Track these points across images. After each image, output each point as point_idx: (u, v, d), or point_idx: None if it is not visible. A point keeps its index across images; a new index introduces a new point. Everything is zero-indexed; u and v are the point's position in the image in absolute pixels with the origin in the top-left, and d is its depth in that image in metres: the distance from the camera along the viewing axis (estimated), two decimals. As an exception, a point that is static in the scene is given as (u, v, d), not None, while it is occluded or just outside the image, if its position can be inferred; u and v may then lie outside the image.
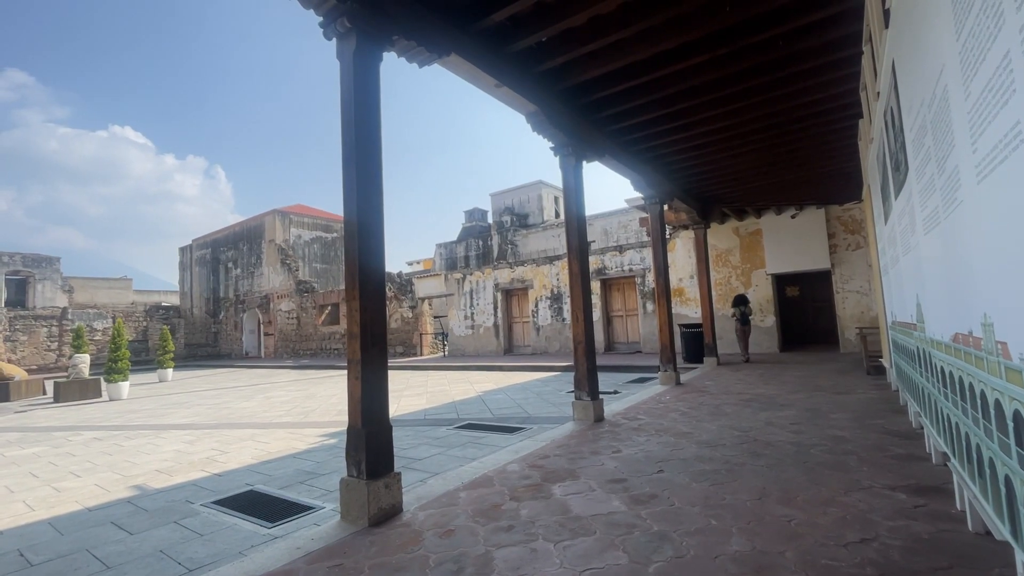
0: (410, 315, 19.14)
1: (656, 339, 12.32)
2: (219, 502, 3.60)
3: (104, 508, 3.65)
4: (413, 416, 6.70)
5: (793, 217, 11.22)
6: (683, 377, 7.78)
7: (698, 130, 5.98)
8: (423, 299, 19.49)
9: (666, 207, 8.85)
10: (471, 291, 17.24)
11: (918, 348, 3.14)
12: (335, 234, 27.49)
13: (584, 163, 5.50)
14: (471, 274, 17.43)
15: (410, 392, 9.22)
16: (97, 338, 22.09)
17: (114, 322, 12.42)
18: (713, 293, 10.59)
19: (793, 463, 3.32)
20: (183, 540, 2.97)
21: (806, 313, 13.32)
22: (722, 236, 12.17)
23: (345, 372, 2.95)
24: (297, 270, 24.02)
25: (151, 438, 6.25)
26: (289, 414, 7.53)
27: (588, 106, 5.29)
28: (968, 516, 2.20)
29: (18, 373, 12.81)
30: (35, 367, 20.43)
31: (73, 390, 11.39)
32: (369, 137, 3.00)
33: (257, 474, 4.30)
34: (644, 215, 11.88)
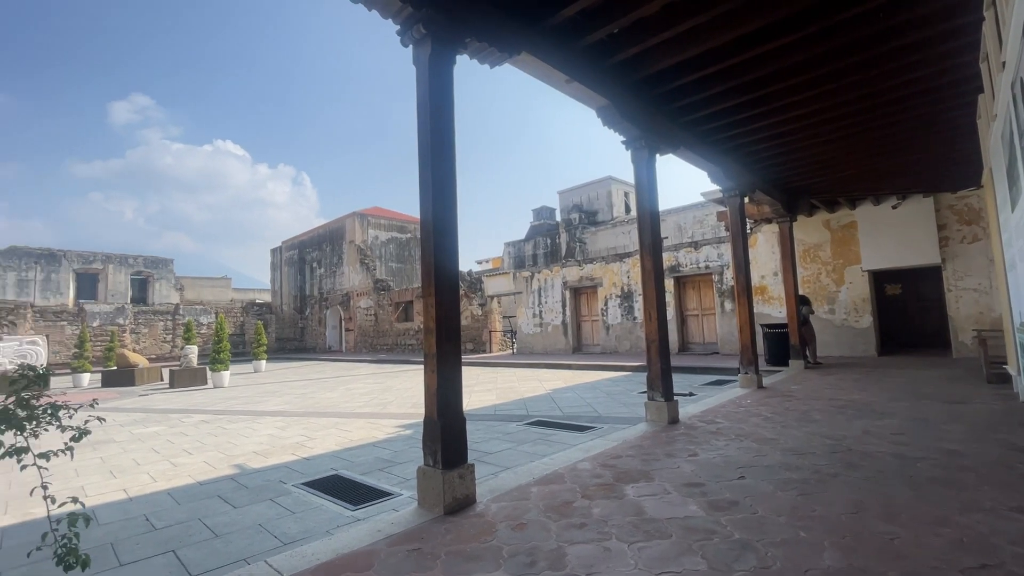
0: (480, 313, 19.52)
1: (735, 340, 11.69)
2: (308, 484, 3.88)
3: (212, 483, 4.06)
4: (483, 411, 6.83)
5: (894, 207, 10.17)
6: (766, 380, 7.31)
7: (783, 116, 5.59)
8: (492, 297, 19.81)
9: (747, 200, 8.37)
10: (539, 289, 17.27)
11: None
12: (409, 235, 28.64)
13: (657, 156, 5.33)
14: (539, 272, 17.45)
15: (480, 388, 9.41)
16: (203, 331, 24.54)
17: (216, 317, 13.75)
18: (800, 291, 9.85)
19: (896, 477, 3.01)
20: (278, 516, 3.22)
21: (909, 313, 12.05)
22: (810, 230, 11.29)
23: (418, 367, 3.08)
24: (374, 269, 25.30)
25: (249, 423, 6.85)
26: (368, 405, 7.95)
27: (661, 97, 5.12)
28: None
29: (141, 361, 14.55)
30: (154, 356, 23.08)
31: (184, 377, 12.75)
32: (444, 139, 3.09)
33: (340, 460, 4.58)
34: (722, 209, 11.30)
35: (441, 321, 2.94)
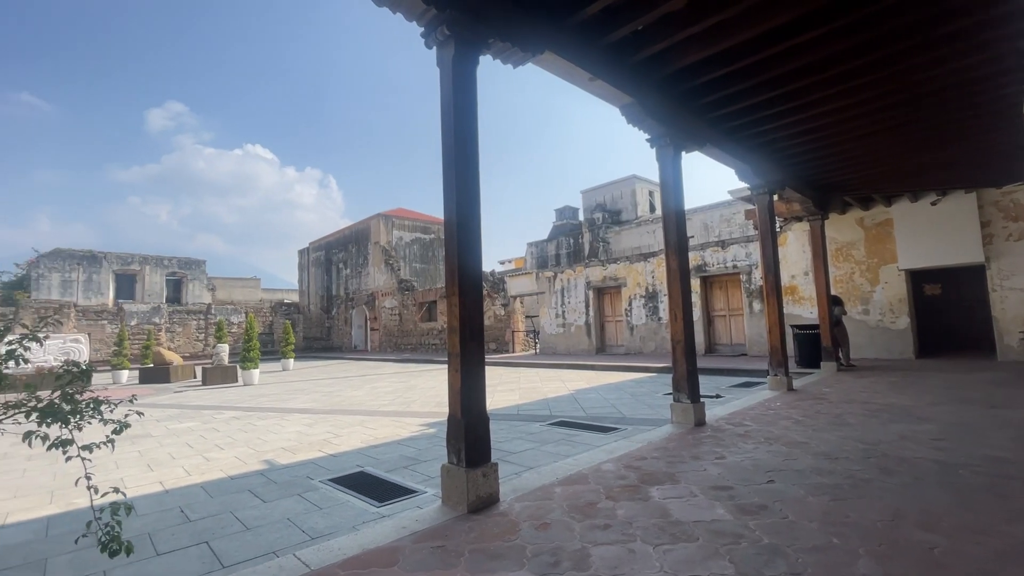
0: (502, 313, 19.56)
1: (764, 341, 11.41)
2: (334, 480, 3.95)
3: (242, 478, 4.17)
4: (506, 411, 6.84)
5: (933, 204, 9.77)
6: (796, 383, 7.12)
7: (815, 111, 5.43)
8: (515, 297, 19.82)
9: (776, 197, 8.15)
10: (562, 289, 17.20)
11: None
12: (432, 235, 28.91)
13: (683, 154, 5.25)
14: (562, 272, 17.38)
15: (503, 388, 9.43)
16: (234, 330, 25.25)
17: (246, 317, 14.14)
18: (832, 291, 9.56)
19: (936, 484, 2.90)
20: (305, 511, 3.29)
21: (949, 314, 11.56)
22: (843, 228, 10.94)
23: (441, 367, 3.10)
24: (399, 270, 25.62)
25: (277, 419, 7.01)
26: (392, 404, 8.05)
27: (687, 93, 5.03)
28: None
29: (176, 359, 15.06)
30: (187, 354, 23.87)
31: (216, 375, 13.15)
32: (467, 140, 3.11)
33: (366, 457, 4.65)
34: (750, 207, 11.05)
35: (465, 320, 2.95)
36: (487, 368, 3.14)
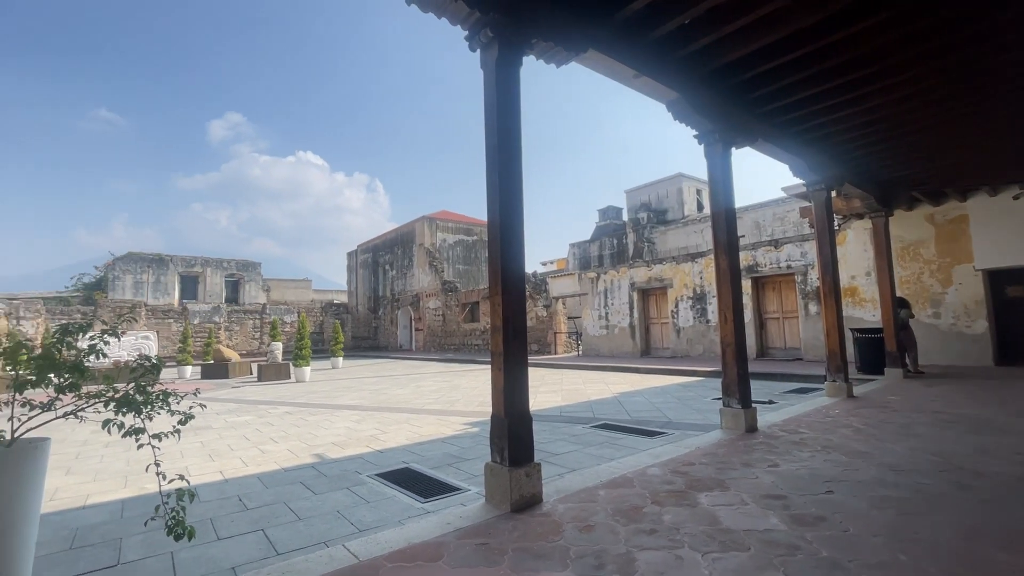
0: (544, 314, 19.51)
1: (820, 345, 10.85)
2: (381, 475, 4.05)
3: (295, 470, 4.35)
4: (549, 412, 6.81)
5: (1016, 198, 8.99)
6: (857, 390, 6.72)
7: (878, 101, 5.11)
8: (557, 298, 19.73)
9: (834, 194, 7.73)
10: (605, 291, 16.97)
11: None
12: (475, 237, 29.21)
13: (733, 150, 5.07)
14: (605, 273, 17.15)
15: (545, 389, 9.39)
16: (287, 329, 26.39)
17: (299, 317, 14.76)
18: (898, 293, 8.96)
19: (1020, 501, 2.65)
20: (354, 504, 3.39)
21: (1034, 318, 10.59)
22: (910, 225, 10.24)
23: (484, 367, 3.12)
24: (442, 271, 26.05)
25: (327, 415, 7.27)
26: (437, 402, 8.19)
27: (737, 87, 4.86)
28: None
29: (234, 356, 15.91)
30: (244, 352, 25.16)
31: (271, 372, 13.78)
32: (511, 141, 3.12)
33: (411, 454, 4.75)
34: (806, 204, 10.53)
35: (508, 320, 2.96)
36: (529, 369, 3.14)
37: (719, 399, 4.87)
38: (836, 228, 10.82)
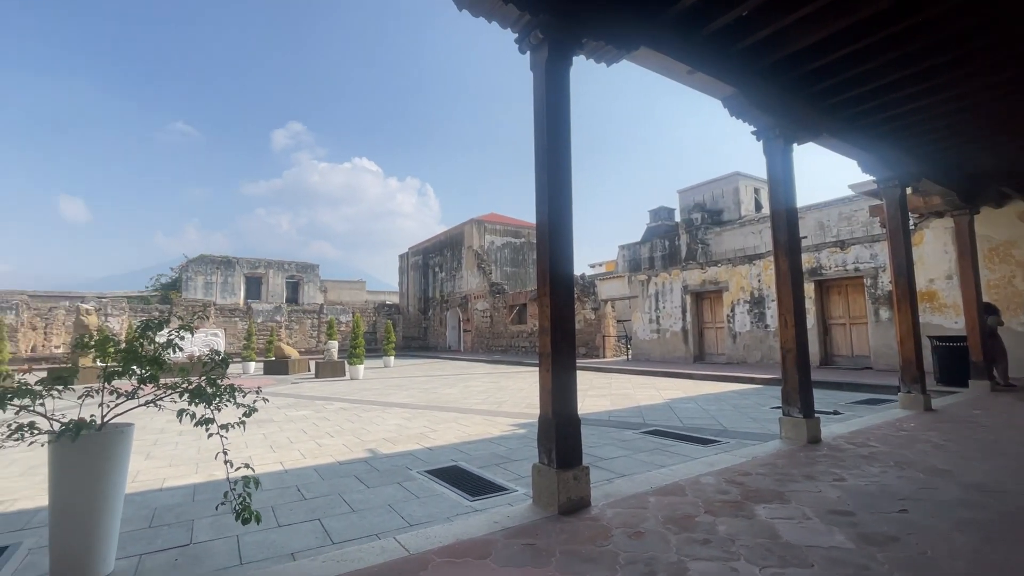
0: (593, 317, 19.27)
1: (893, 353, 10.11)
2: (430, 472, 4.13)
3: (349, 464, 4.51)
4: (597, 416, 6.72)
5: (1125, 193, 8.03)
6: (936, 402, 6.20)
7: (961, 89, 4.72)
8: (605, 301, 19.44)
9: (909, 191, 7.19)
10: (656, 293, 16.55)
11: None
12: (523, 239, 29.30)
13: (795, 146, 4.82)
14: (656, 275, 16.73)
15: (593, 392, 9.27)
16: (342, 329, 27.45)
17: (353, 317, 15.33)
18: (985, 298, 8.19)
19: None
20: (404, 499, 3.48)
21: None
22: (998, 224, 9.35)
23: (531, 369, 3.12)
24: (490, 273, 26.29)
25: (379, 412, 7.50)
26: (484, 403, 8.26)
27: (799, 80, 4.61)
28: None
29: (293, 354, 16.72)
30: (303, 350, 26.37)
31: (327, 369, 14.37)
32: (560, 142, 3.11)
33: (459, 452, 4.81)
34: (876, 202, 9.86)
35: (556, 321, 2.95)
36: (577, 373, 3.11)
37: (778, 408, 4.63)
38: (912, 227, 10.06)
